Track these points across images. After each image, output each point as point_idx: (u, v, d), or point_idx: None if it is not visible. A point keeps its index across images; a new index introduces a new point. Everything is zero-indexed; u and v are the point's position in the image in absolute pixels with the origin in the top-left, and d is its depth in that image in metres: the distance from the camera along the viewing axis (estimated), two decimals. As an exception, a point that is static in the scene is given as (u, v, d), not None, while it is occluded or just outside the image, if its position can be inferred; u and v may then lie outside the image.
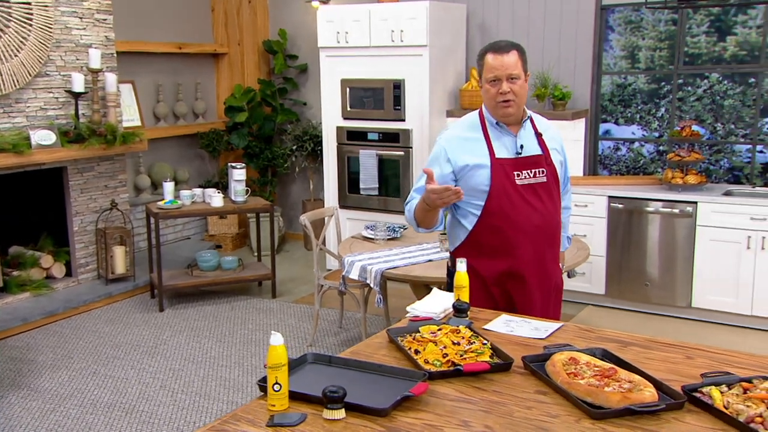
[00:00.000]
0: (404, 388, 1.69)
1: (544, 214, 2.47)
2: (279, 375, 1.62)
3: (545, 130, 2.56)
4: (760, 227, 4.27)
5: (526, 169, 2.45)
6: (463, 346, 1.95)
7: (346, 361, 1.91)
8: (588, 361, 1.82)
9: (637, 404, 1.60)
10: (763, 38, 4.87)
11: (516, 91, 2.40)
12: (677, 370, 1.84)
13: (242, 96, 6.51)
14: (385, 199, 5.60)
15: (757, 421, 1.49)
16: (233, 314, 4.96)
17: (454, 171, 2.48)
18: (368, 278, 3.68)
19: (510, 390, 1.76)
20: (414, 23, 5.18)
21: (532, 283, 2.49)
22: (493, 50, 2.42)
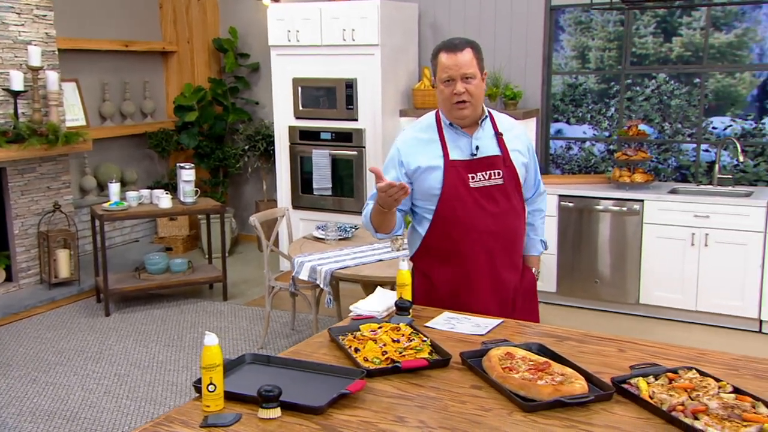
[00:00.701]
0: (342, 386, 1.72)
1: (500, 218, 2.39)
2: (213, 375, 1.64)
3: (508, 129, 2.47)
4: (704, 224, 4.43)
5: (481, 170, 2.37)
6: (403, 343, 1.99)
7: (285, 361, 1.93)
8: (524, 356, 1.88)
9: (567, 396, 1.66)
10: (705, 40, 5.05)
11: (471, 91, 2.32)
12: (609, 362, 1.92)
13: (192, 95, 6.45)
14: (339, 199, 5.63)
15: (679, 409, 1.57)
16: (183, 318, 4.92)
17: (407, 173, 2.42)
18: (318, 279, 3.70)
19: (447, 385, 1.80)
20: (365, 22, 5.21)
21: (484, 290, 2.42)
22: (447, 49, 2.33)
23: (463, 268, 2.41)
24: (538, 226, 2.67)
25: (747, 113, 5.05)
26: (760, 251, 4.28)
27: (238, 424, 1.60)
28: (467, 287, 2.42)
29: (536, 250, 2.66)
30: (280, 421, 1.61)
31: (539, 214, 2.67)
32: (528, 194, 2.57)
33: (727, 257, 4.38)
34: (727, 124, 5.12)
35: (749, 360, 1.90)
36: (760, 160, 5.02)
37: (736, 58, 5.03)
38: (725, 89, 5.11)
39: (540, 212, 2.67)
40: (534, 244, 2.64)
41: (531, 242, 2.63)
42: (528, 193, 2.57)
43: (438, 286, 2.47)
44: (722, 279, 4.42)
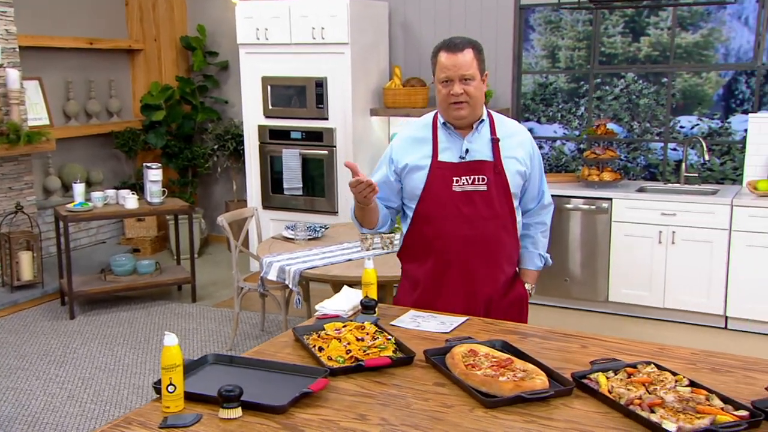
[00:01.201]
0: (304, 385, 1.73)
1: (477, 224, 2.33)
2: (173, 376, 1.64)
3: (509, 135, 2.40)
4: (671, 222, 4.52)
5: (467, 175, 2.33)
6: (367, 342, 2.01)
7: (247, 361, 1.94)
8: (487, 353, 1.91)
9: (527, 392, 1.69)
10: (671, 39, 5.15)
11: (470, 93, 2.28)
12: (571, 358, 1.95)
13: (159, 94, 6.40)
14: (310, 199, 5.63)
15: (636, 403, 1.61)
16: (150, 320, 4.88)
17: (396, 171, 2.42)
18: (287, 279, 3.70)
19: (410, 383, 1.83)
20: (335, 20, 5.22)
21: (455, 296, 2.38)
22: (447, 48, 2.30)
23: (434, 272, 2.40)
24: (539, 240, 2.55)
25: (713, 112, 5.16)
26: (725, 248, 4.38)
27: (198, 424, 1.60)
28: (437, 291, 2.41)
29: (533, 264, 2.55)
30: (241, 420, 1.62)
31: (541, 227, 2.56)
32: (530, 205, 2.51)
33: (694, 255, 4.47)
34: (694, 123, 5.23)
35: (707, 354, 1.95)
36: (726, 158, 5.13)
37: (702, 58, 5.13)
38: (692, 89, 5.22)
39: (542, 225, 2.56)
40: (531, 258, 2.55)
41: (528, 255, 2.55)
42: (530, 204, 2.51)
43: (413, 287, 2.48)
44: (689, 276, 4.51)
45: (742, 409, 1.56)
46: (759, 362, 1.88)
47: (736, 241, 4.34)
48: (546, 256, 2.59)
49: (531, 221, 2.54)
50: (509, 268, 2.47)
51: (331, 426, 1.61)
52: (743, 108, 5.03)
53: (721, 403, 1.59)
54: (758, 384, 1.73)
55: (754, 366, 1.86)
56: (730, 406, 1.58)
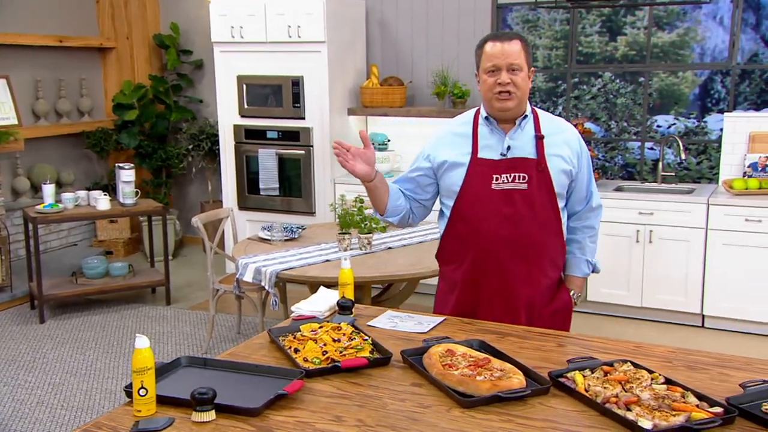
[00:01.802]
0: (279, 387, 1.73)
1: (516, 224, 2.24)
2: (145, 379, 1.62)
3: (554, 133, 2.31)
4: (648, 221, 4.57)
5: (507, 172, 2.25)
6: (344, 342, 2.01)
7: (221, 363, 1.93)
8: (464, 353, 1.92)
9: (504, 391, 1.70)
10: (648, 39, 5.22)
11: (517, 83, 2.21)
12: (548, 357, 1.97)
13: (132, 93, 6.34)
14: (287, 199, 5.61)
15: (612, 401, 1.63)
16: (123, 323, 4.83)
17: (433, 168, 2.37)
18: (263, 280, 3.68)
19: (387, 384, 1.83)
20: (311, 18, 5.21)
21: (492, 298, 2.31)
22: (494, 38, 2.26)
23: (472, 273, 2.32)
24: (587, 245, 2.43)
25: (690, 112, 5.23)
26: (702, 247, 4.44)
27: (170, 428, 1.59)
28: (475, 294, 2.33)
29: (580, 270, 2.44)
30: (214, 424, 1.61)
31: (589, 231, 2.44)
32: (577, 207, 2.41)
33: (671, 253, 4.53)
34: (671, 123, 5.30)
35: (683, 352, 1.98)
36: (702, 158, 5.21)
37: (678, 58, 5.21)
38: (669, 88, 5.29)
39: (590, 230, 2.44)
40: (578, 264, 2.43)
41: (575, 261, 2.43)
42: (577, 206, 2.40)
43: (451, 290, 2.41)
44: (666, 275, 4.56)
45: (716, 405, 1.58)
46: (733, 359, 1.91)
47: (712, 239, 4.41)
48: (594, 262, 2.46)
49: (578, 225, 2.43)
50: (553, 272, 2.37)
51: (306, 428, 1.60)
52: (719, 107, 5.11)
53: (696, 401, 1.61)
54: (732, 381, 1.76)
55: (728, 363, 1.89)
56: (705, 403, 1.60)
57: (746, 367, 1.85)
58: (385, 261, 3.73)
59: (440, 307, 2.45)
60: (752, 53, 4.99)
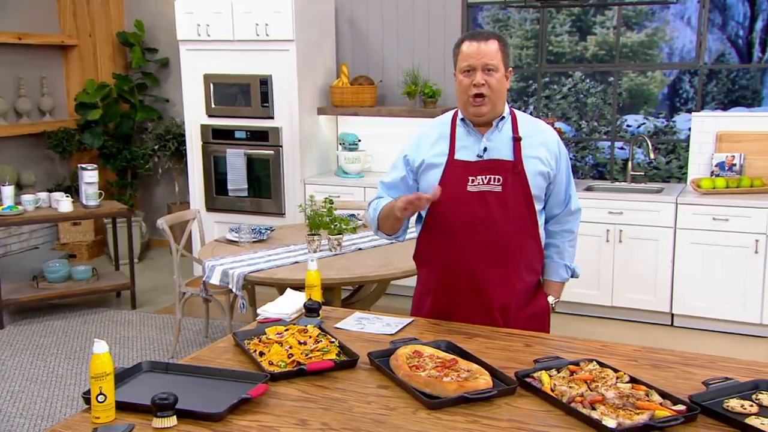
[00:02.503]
0: (243, 391, 1.72)
1: (491, 227, 2.24)
2: (104, 385, 1.60)
3: (532, 134, 2.31)
4: (618, 220, 4.63)
5: (483, 174, 2.25)
6: (310, 345, 2.00)
7: (184, 368, 1.91)
8: (431, 354, 1.93)
9: (471, 392, 1.71)
10: (617, 38, 5.29)
11: (492, 85, 2.21)
12: (515, 357, 1.99)
13: (95, 92, 6.25)
14: (256, 200, 5.58)
15: (578, 401, 1.65)
16: (86, 328, 4.76)
17: (412, 170, 2.36)
18: (230, 283, 3.65)
19: (353, 386, 1.83)
20: (279, 16, 5.19)
21: (467, 300, 2.30)
22: (470, 37, 2.25)
23: (446, 276, 2.32)
24: (565, 250, 2.42)
25: (659, 111, 5.32)
26: (671, 246, 4.52)
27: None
28: (448, 297, 2.33)
29: (558, 275, 2.42)
30: (176, 429, 1.60)
31: (568, 235, 2.42)
32: (556, 210, 2.40)
33: (640, 253, 4.60)
34: (641, 122, 5.38)
35: (648, 351, 2.01)
36: (671, 157, 5.29)
37: (647, 57, 5.29)
38: (638, 88, 5.37)
39: (569, 234, 2.42)
40: (556, 269, 2.42)
41: (553, 266, 2.42)
42: (556, 210, 2.40)
43: (426, 292, 2.41)
44: (636, 274, 4.63)
45: (679, 403, 1.61)
46: (697, 357, 1.95)
47: (680, 239, 4.49)
48: (573, 267, 2.45)
49: (557, 229, 2.42)
50: (530, 276, 2.35)
51: (271, 432, 1.60)
52: (687, 107, 5.20)
53: (660, 398, 1.64)
54: (696, 378, 1.79)
55: (693, 361, 1.93)
56: (668, 401, 1.63)
57: (710, 365, 1.89)
58: (355, 262, 3.73)
59: (417, 310, 2.46)
60: (719, 53, 5.09)
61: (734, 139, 4.73)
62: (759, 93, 5.05)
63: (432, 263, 2.36)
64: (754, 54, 5.06)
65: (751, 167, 4.67)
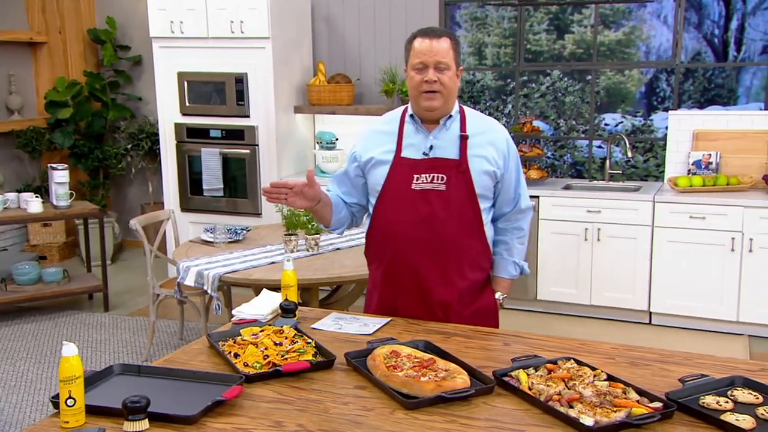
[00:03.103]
0: (218, 394, 1.71)
1: (433, 225, 2.27)
2: (73, 389, 1.58)
3: (480, 133, 2.33)
4: (596, 219, 4.67)
5: (427, 172, 2.28)
6: (286, 346, 1.99)
7: (157, 370, 1.89)
8: (409, 354, 1.93)
9: (448, 391, 1.71)
10: (594, 37, 5.34)
11: (444, 82, 2.23)
12: (493, 356, 2.00)
13: (66, 90, 6.17)
14: (232, 200, 5.54)
15: (555, 399, 1.66)
16: (57, 332, 4.70)
17: (360, 166, 2.39)
18: (205, 284, 3.63)
19: (330, 387, 1.82)
20: (254, 13, 5.16)
21: (411, 300, 2.34)
22: (423, 34, 2.27)
23: (390, 272, 2.36)
24: (514, 247, 2.46)
25: (636, 110, 5.38)
26: (648, 245, 4.56)
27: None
28: (393, 294, 2.37)
29: (506, 272, 2.45)
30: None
31: (518, 233, 2.46)
32: (505, 209, 2.42)
33: (619, 251, 4.64)
34: (618, 121, 5.44)
35: (625, 348, 2.03)
36: (649, 155, 5.35)
37: (624, 56, 5.34)
38: (615, 86, 5.43)
39: (519, 231, 2.46)
40: (505, 266, 2.45)
41: (502, 263, 2.45)
42: (505, 208, 2.42)
43: (374, 288, 2.45)
44: (614, 273, 4.67)
45: (656, 401, 1.63)
46: (674, 355, 1.97)
47: (658, 237, 4.53)
48: (522, 264, 2.49)
49: (507, 226, 2.45)
50: (474, 273, 2.37)
51: (246, 435, 1.59)
52: (665, 106, 5.27)
53: (636, 396, 1.66)
54: (672, 376, 1.81)
55: (669, 359, 1.95)
56: (645, 398, 1.65)
57: (686, 362, 1.91)
58: (333, 262, 3.72)
59: (367, 306, 2.52)
60: (695, 52, 5.16)
61: (711, 137, 4.80)
62: (734, 91, 5.13)
63: (378, 260, 2.42)
64: (730, 53, 5.14)
65: (728, 165, 4.74)
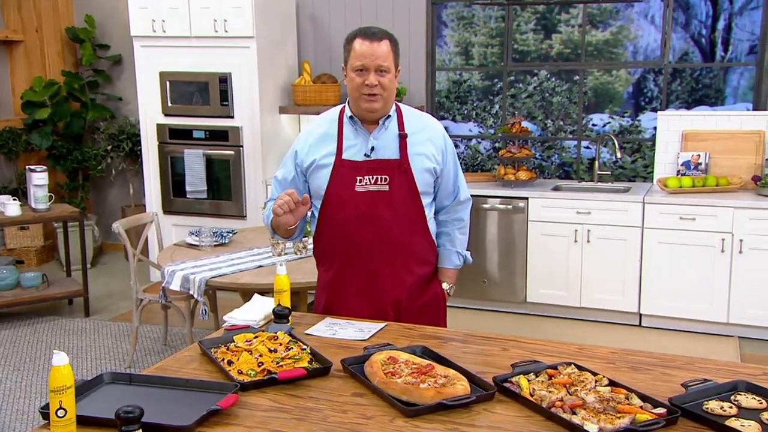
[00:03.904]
0: (212, 402, 1.68)
1: (380, 226, 2.33)
2: (64, 399, 1.55)
3: (418, 131, 2.39)
4: (585, 220, 4.69)
5: (370, 174, 2.32)
6: (281, 353, 1.97)
7: (149, 379, 1.86)
8: (407, 360, 1.91)
9: (449, 398, 1.70)
10: (582, 37, 5.37)
11: (384, 85, 2.29)
12: (492, 362, 1.99)
13: (43, 90, 6.09)
14: (216, 202, 5.50)
15: (558, 405, 1.65)
16: (36, 338, 4.63)
17: (302, 170, 2.41)
18: (191, 288, 3.59)
19: (327, 395, 1.80)
20: (239, 12, 5.13)
21: (360, 301, 2.39)
22: (363, 36, 2.29)
23: (338, 275, 2.42)
24: (456, 237, 2.53)
25: (624, 110, 5.41)
26: (638, 246, 4.59)
27: (94, 451, 1.52)
28: (341, 296, 2.43)
29: (451, 262, 2.53)
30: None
31: (458, 223, 2.53)
32: (445, 202, 2.49)
33: (609, 253, 4.66)
34: (606, 121, 5.47)
35: (625, 353, 2.03)
36: (637, 156, 5.39)
37: (612, 56, 5.37)
38: (603, 86, 5.46)
39: (459, 221, 2.54)
40: (449, 256, 2.53)
41: (446, 254, 2.52)
42: (445, 201, 2.49)
43: (324, 290, 2.49)
44: (604, 274, 4.69)
45: (660, 406, 1.63)
46: (675, 359, 1.98)
47: (648, 238, 4.56)
48: (465, 253, 2.57)
49: (447, 218, 2.52)
50: (421, 268, 2.45)
51: (243, 445, 1.56)
52: (652, 106, 5.30)
53: (640, 402, 1.66)
54: (674, 381, 1.82)
55: (670, 363, 1.95)
56: (648, 404, 1.65)
57: (687, 367, 1.92)
58: (321, 266, 3.69)
59: (316, 307, 2.54)
60: (683, 52, 5.21)
61: (699, 138, 4.84)
62: (722, 92, 5.18)
63: (328, 261, 2.46)
64: (717, 53, 5.18)
65: (716, 166, 4.78)
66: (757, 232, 4.29)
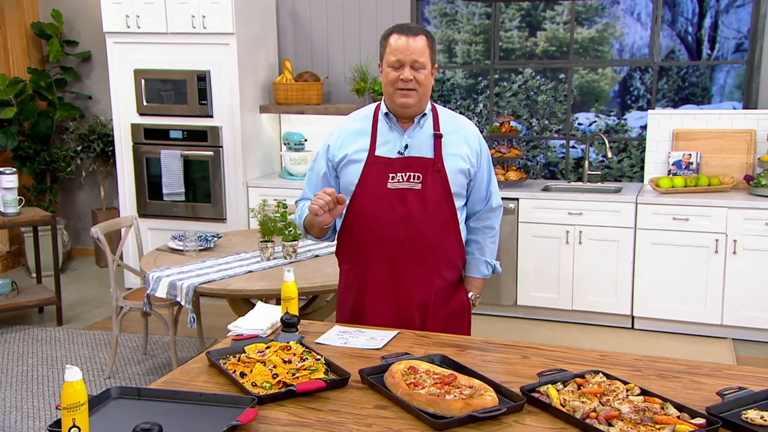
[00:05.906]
0: (230, 418, 1.63)
1: (411, 225, 2.32)
2: (78, 417, 1.49)
3: (454, 131, 2.39)
4: (577, 222, 4.71)
5: (403, 171, 2.32)
6: (295, 363, 1.93)
7: (158, 393, 1.80)
8: (427, 369, 1.88)
9: (479, 410, 1.67)
10: (570, 34, 5.39)
11: (420, 81, 2.29)
12: (515, 370, 1.96)
13: (8, 88, 5.93)
14: (194, 205, 5.40)
15: (592, 416, 1.63)
16: (6, 348, 4.49)
17: (333, 165, 2.42)
18: (179, 295, 3.51)
19: (348, 407, 1.76)
20: (217, 8, 5.04)
21: (385, 301, 2.37)
22: (400, 31, 2.31)
23: (365, 274, 2.40)
24: (486, 246, 2.51)
25: (610, 109, 5.45)
26: (631, 247, 4.62)
27: (112, 474, 1.46)
28: (365, 293, 2.41)
29: (479, 272, 2.51)
30: (163, 465, 1.49)
31: (489, 232, 2.51)
32: (477, 207, 2.48)
33: (601, 254, 4.68)
34: (592, 120, 5.50)
35: (650, 360, 2.02)
36: (623, 155, 5.43)
37: (598, 54, 5.41)
38: (589, 85, 5.49)
39: (490, 230, 2.51)
40: (477, 265, 2.51)
41: (474, 262, 2.51)
42: (477, 206, 2.48)
43: (348, 290, 2.46)
44: (596, 277, 4.71)
45: (698, 416, 1.61)
46: (702, 366, 1.97)
47: (641, 239, 4.59)
48: (494, 263, 2.54)
49: (478, 225, 2.50)
50: (450, 273, 2.44)
51: (270, 464, 1.52)
52: (638, 105, 5.35)
53: (676, 412, 1.64)
54: (705, 389, 1.81)
55: (698, 370, 1.94)
56: (685, 414, 1.63)
57: (716, 374, 1.91)
58: (312, 270, 3.65)
59: (340, 308, 2.52)
60: (669, 50, 5.27)
61: (690, 137, 4.89)
62: (708, 90, 5.25)
63: (353, 260, 2.43)
64: (704, 51, 5.25)
65: (708, 165, 4.84)
66: (751, 233, 4.35)
